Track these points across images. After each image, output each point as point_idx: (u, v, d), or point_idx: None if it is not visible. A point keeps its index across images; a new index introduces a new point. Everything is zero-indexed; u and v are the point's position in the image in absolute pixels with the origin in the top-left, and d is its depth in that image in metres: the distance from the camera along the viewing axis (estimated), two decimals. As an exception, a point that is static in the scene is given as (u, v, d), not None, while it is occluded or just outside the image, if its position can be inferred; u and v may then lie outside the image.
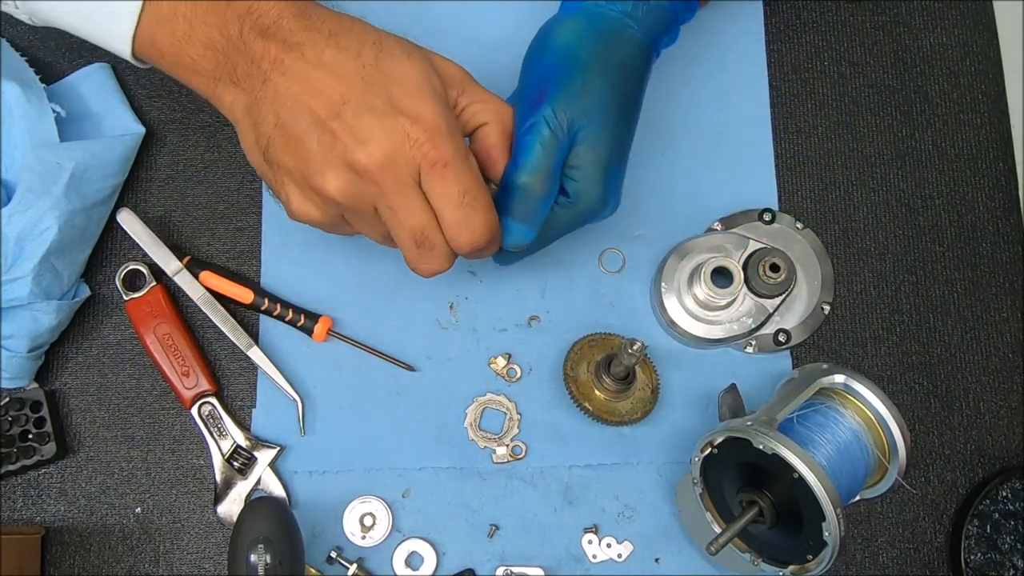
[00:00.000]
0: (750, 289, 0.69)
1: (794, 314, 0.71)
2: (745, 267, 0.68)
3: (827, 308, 0.72)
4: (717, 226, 0.72)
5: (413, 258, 0.56)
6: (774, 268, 0.68)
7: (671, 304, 0.69)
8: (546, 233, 0.61)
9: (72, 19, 0.57)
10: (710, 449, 0.60)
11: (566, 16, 0.61)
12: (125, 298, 0.69)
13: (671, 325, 0.70)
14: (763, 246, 0.69)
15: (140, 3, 0.54)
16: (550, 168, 0.58)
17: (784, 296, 0.68)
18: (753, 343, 0.71)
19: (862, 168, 0.76)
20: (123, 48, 0.56)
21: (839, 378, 0.62)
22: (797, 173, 0.75)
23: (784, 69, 0.77)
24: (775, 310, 0.69)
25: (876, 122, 0.76)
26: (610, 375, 0.67)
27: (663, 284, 0.69)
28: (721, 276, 0.68)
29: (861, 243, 0.74)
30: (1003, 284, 0.74)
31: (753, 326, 0.69)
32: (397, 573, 0.67)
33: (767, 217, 0.72)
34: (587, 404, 0.67)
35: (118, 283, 0.69)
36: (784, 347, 0.71)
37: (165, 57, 0.55)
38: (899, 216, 0.75)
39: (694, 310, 0.69)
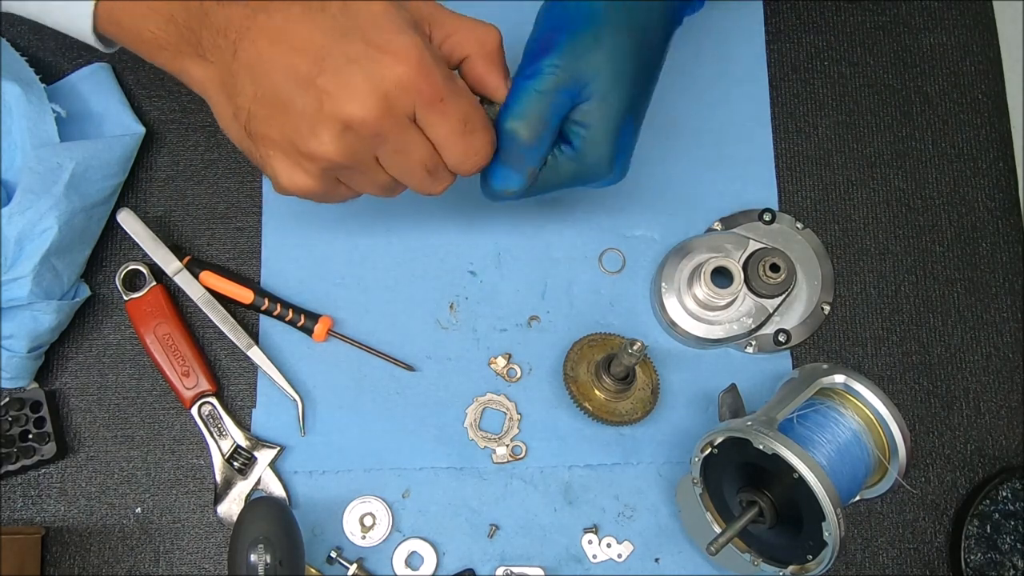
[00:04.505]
0: (750, 289, 0.69)
1: (794, 314, 0.71)
2: (745, 267, 0.68)
3: (827, 308, 0.72)
4: (717, 226, 0.72)
5: (427, 187, 0.55)
6: (774, 268, 0.68)
7: (671, 304, 0.69)
8: (545, 181, 0.59)
9: (31, 6, 0.55)
10: (710, 449, 0.60)
11: None
12: (125, 298, 0.69)
13: (671, 325, 0.70)
14: (763, 246, 0.69)
15: None
16: (541, 117, 0.55)
17: (784, 296, 0.68)
18: (753, 343, 0.71)
19: (862, 168, 0.76)
20: (84, 26, 0.54)
21: (839, 378, 0.62)
22: (797, 173, 0.75)
23: (784, 69, 0.77)
24: (775, 310, 0.69)
25: (876, 122, 0.76)
26: (610, 375, 0.67)
27: (663, 284, 0.69)
28: (721, 276, 0.68)
29: (861, 243, 0.74)
30: (1003, 284, 0.74)
31: (753, 326, 0.69)
32: (397, 573, 0.67)
33: (767, 217, 0.72)
34: (587, 404, 0.67)
35: (118, 283, 0.69)
36: (784, 347, 0.71)
37: (126, 33, 0.53)
38: (899, 216, 0.75)
39: (694, 310, 0.69)
